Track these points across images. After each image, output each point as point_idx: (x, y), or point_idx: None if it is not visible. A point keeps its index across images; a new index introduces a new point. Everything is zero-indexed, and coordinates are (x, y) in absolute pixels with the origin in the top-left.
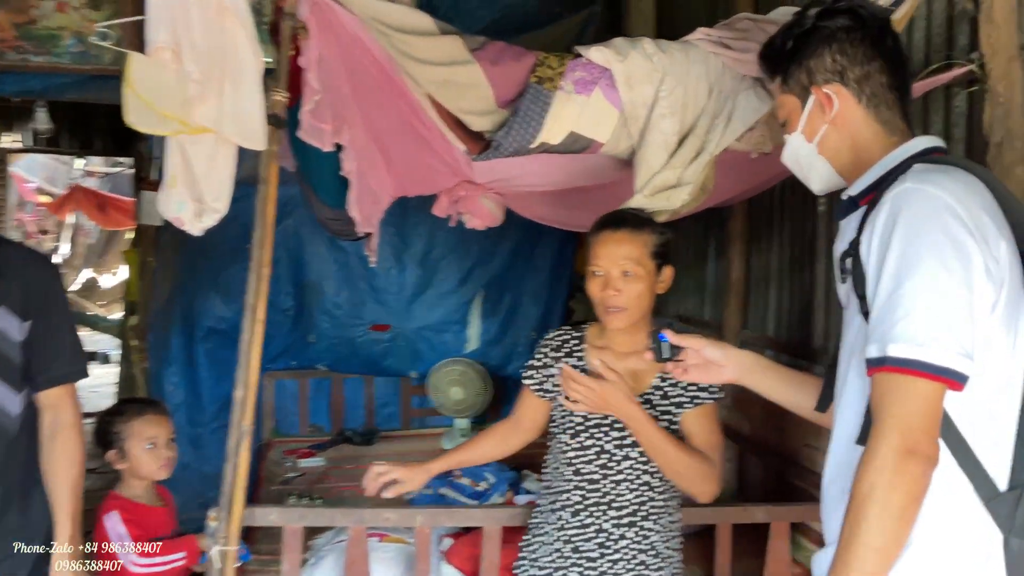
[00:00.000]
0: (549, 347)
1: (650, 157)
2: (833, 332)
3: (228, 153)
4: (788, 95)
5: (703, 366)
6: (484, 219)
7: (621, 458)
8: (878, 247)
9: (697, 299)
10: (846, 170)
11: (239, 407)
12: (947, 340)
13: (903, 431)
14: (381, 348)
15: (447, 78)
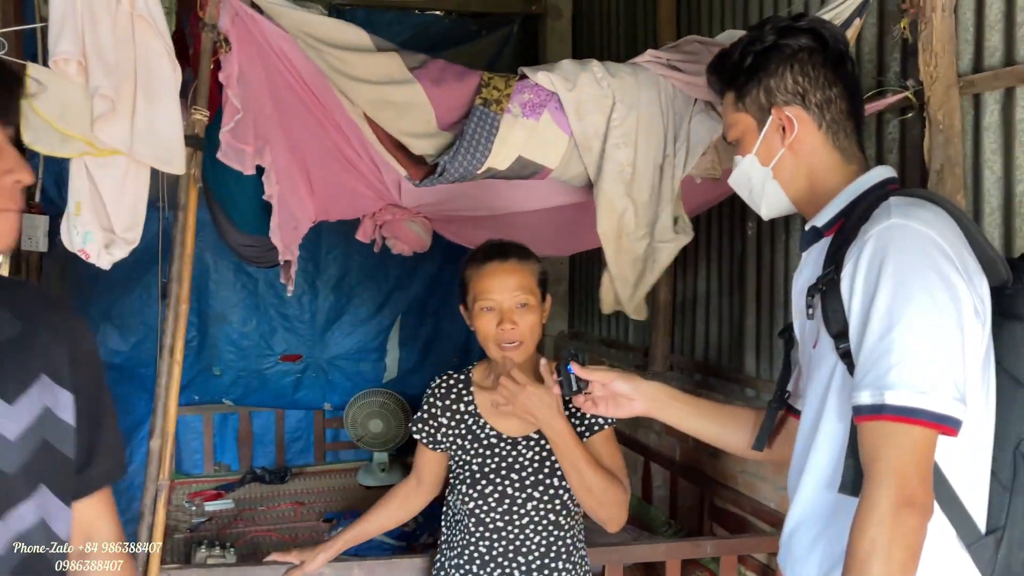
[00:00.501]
0: (435, 396)
1: (607, 188)
2: (765, 357)
3: (140, 177)
4: (742, 114)
5: (612, 399)
6: (411, 244)
7: (524, 500)
8: (863, 286)
9: (622, 323)
10: (800, 197)
11: (155, 459)
12: (945, 386)
13: (900, 482)
14: (292, 379)
15: (385, 98)
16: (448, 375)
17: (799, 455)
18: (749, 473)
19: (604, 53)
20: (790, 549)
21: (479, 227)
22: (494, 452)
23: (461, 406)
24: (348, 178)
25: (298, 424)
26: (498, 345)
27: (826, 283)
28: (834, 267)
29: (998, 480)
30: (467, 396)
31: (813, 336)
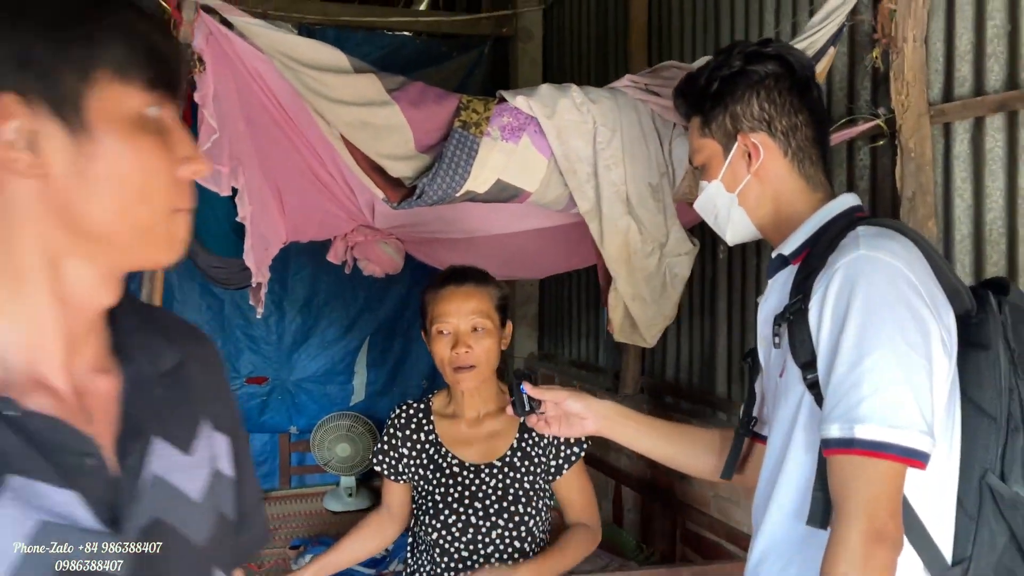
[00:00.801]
0: (395, 426)
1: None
2: (736, 380)
3: None
4: (708, 139)
5: (564, 418)
6: (383, 266)
7: (488, 528)
8: (832, 317)
9: (592, 344)
10: (765, 223)
11: None
12: (915, 419)
13: (870, 516)
14: (258, 402)
15: (364, 119)
16: (408, 404)
17: (765, 484)
18: (722, 497)
19: (575, 76)
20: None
21: (452, 249)
22: (456, 481)
23: (422, 435)
24: (320, 199)
25: (263, 448)
26: (452, 369)
27: (793, 312)
28: (801, 296)
29: (964, 510)
30: (427, 425)
31: (779, 365)
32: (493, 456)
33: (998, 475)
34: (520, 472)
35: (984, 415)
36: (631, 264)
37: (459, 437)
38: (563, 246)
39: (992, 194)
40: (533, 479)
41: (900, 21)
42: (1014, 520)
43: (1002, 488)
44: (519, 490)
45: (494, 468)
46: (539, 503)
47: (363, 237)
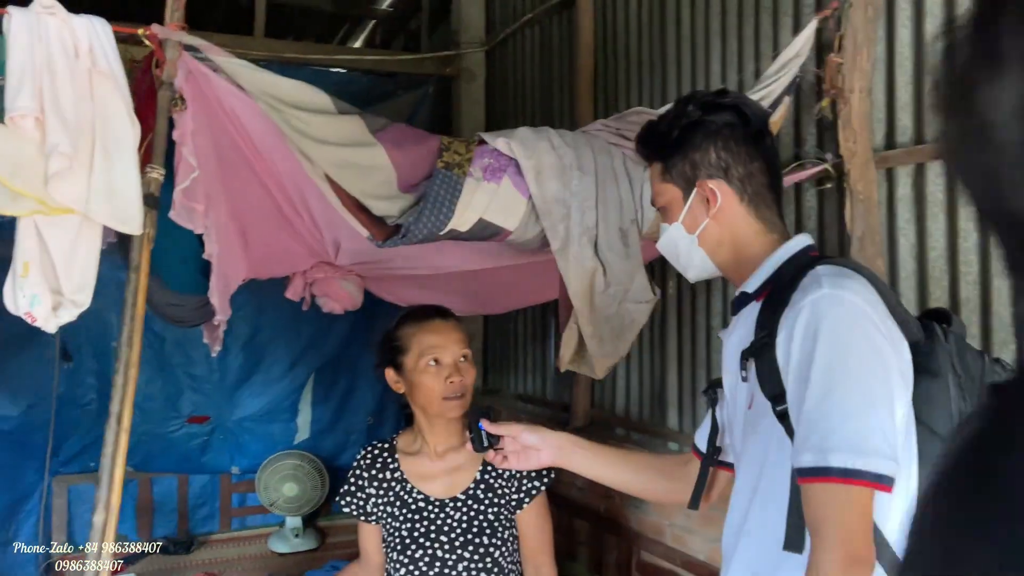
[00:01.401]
0: (360, 468)
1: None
2: (688, 412)
3: (92, 237)
4: (669, 184)
5: (522, 452)
6: (343, 302)
7: (455, 561)
8: (799, 353)
9: (540, 378)
10: (725, 263)
11: (98, 535)
12: (881, 446)
13: (845, 541)
14: (199, 442)
15: (348, 159)
16: (372, 446)
17: (737, 512)
18: (678, 526)
19: (518, 117)
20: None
21: (415, 286)
22: (422, 516)
23: (387, 474)
24: (284, 236)
25: (202, 490)
26: (443, 398)
27: (760, 347)
28: (767, 332)
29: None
30: (392, 464)
31: (748, 398)
32: (457, 490)
33: None
34: (484, 504)
35: (937, 437)
36: (593, 303)
37: (423, 473)
38: (527, 282)
39: (934, 234)
40: (497, 511)
41: (847, 74)
42: None
43: None
44: (483, 522)
45: (458, 502)
46: (505, 533)
47: (323, 274)
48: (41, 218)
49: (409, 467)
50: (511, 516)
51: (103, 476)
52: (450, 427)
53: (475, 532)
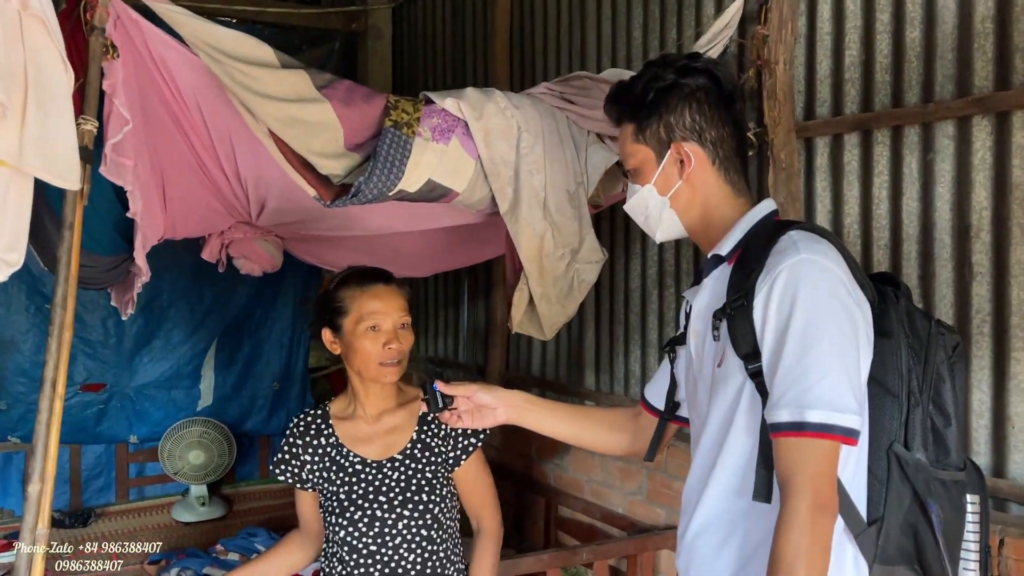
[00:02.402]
0: (294, 435)
1: (526, 213)
2: (605, 371)
3: (24, 192)
4: (642, 146)
5: (476, 411)
6: (262, 263)
7: (394, 520)
8: (777, 315)
9: (452, 342)
10: (694, 225)
11: (33, 506)
12: (851, 404)
13: (816, 490)
14: (94, 411)
15: (294, 116)
16: (305, 413)
17: (701, 465)
18: (596, 482)
19: (428, 77)
20: (694, 552)
21: (338, 247)
22: (360, 478)
23: (322, 440)
24: (204, 194)
25: (97, 460)
26: (380, 364)
27: (734, 309)
28: (743, 295)
29: (875, 476)
30: (327, 430)
31: (717, 356)
32: (394, 451)
33: (902, 444)
34: (421, 463)
35: (888, 394)
36: (542, 265)
37: (359, 436)
38: (457, 245)
39: (849, 202)
40: (435, 468)
41: (772, 46)
42: (916, 481)
43: (906, 455)
44: (422, 480)
45: (396, 462)
46: (443, 491)
47: (241, 234)
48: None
49: (344, 431)
50: (448, 474)
51: (38, 445)
52: (385, 391)
53: (414, 490)
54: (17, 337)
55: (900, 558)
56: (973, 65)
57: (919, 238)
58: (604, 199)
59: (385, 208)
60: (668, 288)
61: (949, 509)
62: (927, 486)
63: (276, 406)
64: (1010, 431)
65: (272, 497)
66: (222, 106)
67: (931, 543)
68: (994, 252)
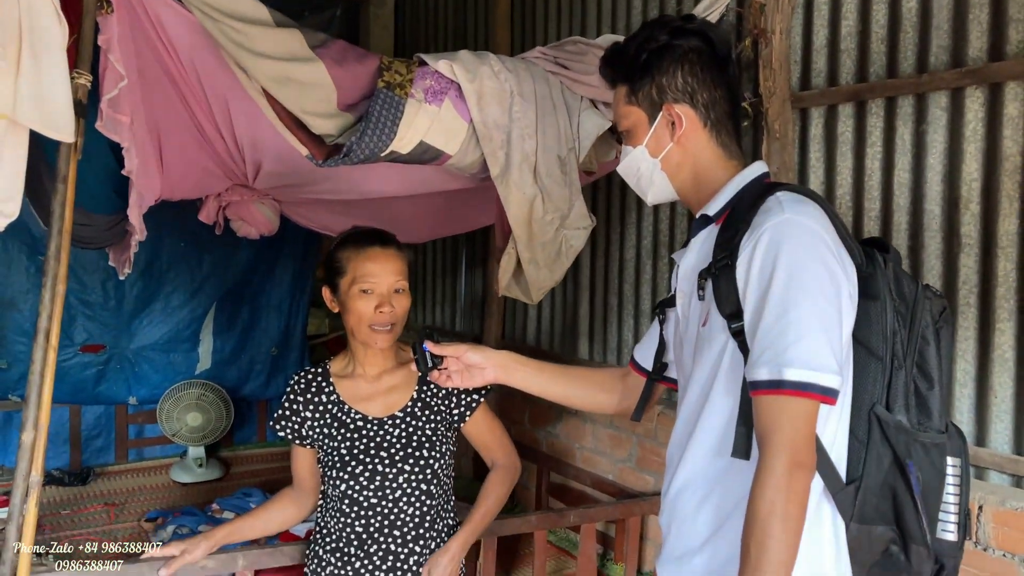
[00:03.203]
0: (295, 392)
1: (517, 177)
2: (598, 341)
3: (20, 144)
4: (634, 107)
5: (465, 371)
6: (259, 226)
7: (395, 474)
8: (759, 273)
9: (449, 310)
10: (684, 187)
11: (27, 454)
12: (830, 363)
13: (792, 448)
14: (93, 372)
15: (287, 75)
16: (306, 371)
17: (684, 424)
18: (587, 449)
19: (429, 45)
20: (675, 509)
21: (335, 211)
22: (361, 435)
23: (323, 397)
24: (201, 155)
25: (96, 421)
26: (371, 327)
27: (719, 268)
28: (727, 254)
29: (855, 437)
30: (328, 387)
31: (702, 315)
32: (395, 408)
33: (884, 406)
34: (422, 421)
35: (872, 356)
36: (531, 230)
37: (360, 394)
38: (454, 210)
39: (842, 172)
40: (435, 426)
41: (769, 15)
42: (897, 443)
43: (887, 417)
44: (422, 436)
45: (396, 419)
46: (443, 447)
47: (238, 197)
48: None
49: (345, 389)
50: (448, 432)
51: (31, 394)
52: (382, 352)
53: (415, 446)
54: (17, 297)
55: (877, 518)
56: (968, 36)
57: (909, 209)
58: (597, 166)
59: (380, 171)
60: (662, 258)
61: (929, 471)
62: (907, 448)
63: (274, 371)
64: (992, 401)
65: (269, 460)
66: (218, 65)
67: (909, 504)
68: (982, 224)
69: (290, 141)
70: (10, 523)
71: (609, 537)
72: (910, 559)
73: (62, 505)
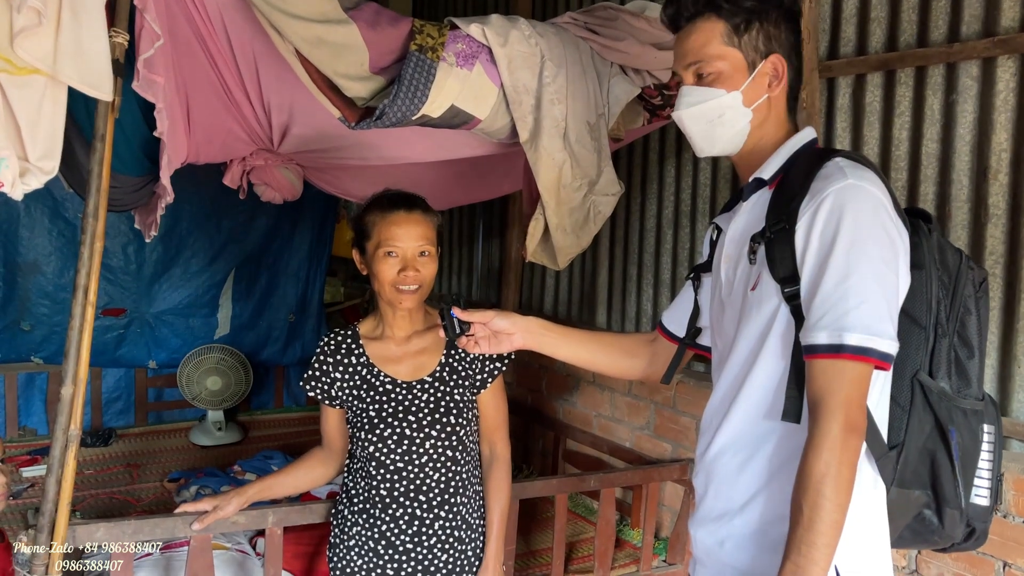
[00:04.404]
0: (325, 353)
1: (546, 142)
2: (616, 310)
3: (59, 101)
4: (734, 50)
5: (493, 337)
6: (283, 191)
7: (422, 439)
8: (821, 237)
9: (466, 279)
10: (750, 143)
11: (67, 408)
12: (889, 329)
13: (847, 411)
14: (114, 336)
15: (321, 37)
16: (335, 332)
17: (726, 388)
18: (605, 416)
19: (448, 6)
20: (713, 472)
21: (356, 177)
22: (390, 397)
23: (352, 359)
24: (227, 118)
25: (117, 383)
26: (395, 288)
27: (775, 232)
28: (785, 219)
29: (898, 404)
30: (357, 349)
31: (752, 279)
32: (423, 372)
33: (927, 373)
34: (449, 386)
35: (916, 324)
36: (559, 196)
37: (389, 357)
38: (479, 178)
39: (869, 143)
40: (462, 392)
41: None
42: (939, 409)
43: (930, 383)
44: (450, 402)
45: (425, 383)
46: (468, 414)
47: (262, 161)
48: (5, 77)
49: (374, 351)
50: (473, 398)
51: (70, 349)
52: (410, 314)
53: (442, 412)
54: (40, 260)
55: (916, 482)
56: (1001, 4)
57: (936, 179)
58: (625, 133)
59: (406, 136)
60: (683, 228)
61: (968, 436)
62: (949, 414)
63: (292, 338)
64: (1016, 371)
65: (287, 425)
66: (248, 27)
67: (947, 469)
68: (1011, 194)
69: (323, 103)
70: (49, 475)
71: (625, 504)
72: (943, 522)
73: (86, 465)
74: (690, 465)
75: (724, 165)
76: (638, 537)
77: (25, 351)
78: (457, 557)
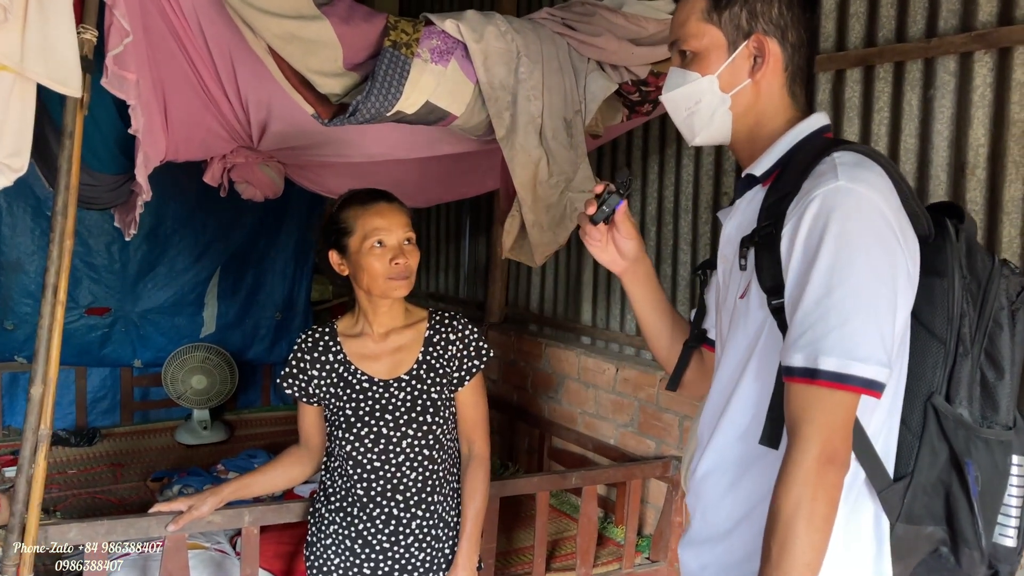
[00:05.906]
0: (302, 350)
1: (522, 139)
2: (602, 307)
3: (27, 98)
4: (713, 27)
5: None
6: (263, 188)
7: (399, 438)
8: (804, 245)
9: (452, 278)
10: (741, 134)
11: (36, 408)
12: (876, 352)
13: (824, 441)
14: (99, 335)
15: (293, 32)
16: (313, 330)
17: (715, 402)
18: (589, 414)
19: (434, 5)
20: (700, 494)
21: (337, 175)
22: (367, 396)
23: (330, 356)
24: (206, 116)
25: (102, 383)
26: (388, 279)
27: (763, 236)
28: (773, 221)
29: (908, 428)
30: (335, 346)
31: (742, 286)
32: (400, 370)
33: (943, 396)
34: (427, 384)
35: (934, 338)
36: (536, 193)
37: (367, 354)
38: (459, 175)
39: (848, 138)
40: (440, 389)
41: None
42: (955, 439)
43: (946, 409)
44: (427, 401)
45: (402, 381)
46: (446, 412)
47: (243, 159)
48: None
49: (351, 349)
50: (451, 396)
51: (40, 349)
52: (393, 309)
53: (419, 411)
54: (23, 258)
55: (927, 517)
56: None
57: (915, 175)
58: (603, 129)
59: (385, 133)
60: (666, 225)
61: (990, 470)
62: (966, 445)
63: (278, 336)
64: None
65: (273, 424)
66: (223, 23)
67: (964, 505)
68: (988, 190)
69: (296, 100)
70: (19, 475)
71: (610, 501)
72: (960, 562)
73: (69, 465)
74: (673, 462)
75: (706, 161)
76: (622, 534)
77: (8, 350)
78: (434, 556)
